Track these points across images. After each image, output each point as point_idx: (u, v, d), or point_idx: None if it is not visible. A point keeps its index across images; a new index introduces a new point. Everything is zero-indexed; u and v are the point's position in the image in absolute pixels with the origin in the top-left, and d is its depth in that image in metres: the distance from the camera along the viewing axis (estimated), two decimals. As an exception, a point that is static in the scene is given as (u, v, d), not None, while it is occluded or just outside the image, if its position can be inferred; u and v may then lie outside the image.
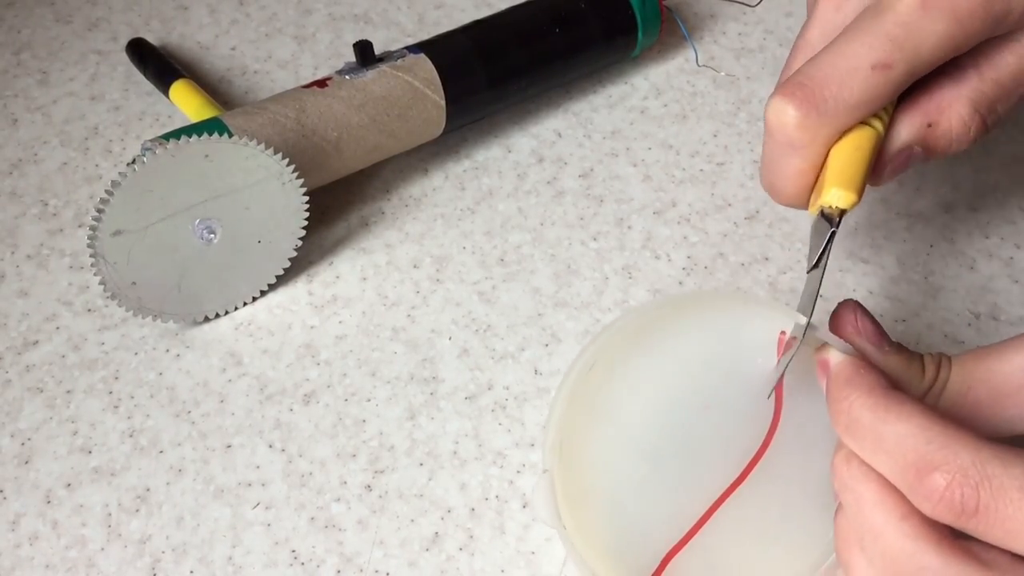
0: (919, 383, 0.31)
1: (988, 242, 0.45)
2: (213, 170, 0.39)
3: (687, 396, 0.34)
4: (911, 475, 0.26)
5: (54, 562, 0.36)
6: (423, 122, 0.45)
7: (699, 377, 0.34)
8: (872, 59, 0.33)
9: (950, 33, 0.33)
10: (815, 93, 0.33)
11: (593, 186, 0.48)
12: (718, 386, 0.34)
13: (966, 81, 0.35)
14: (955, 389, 0.31)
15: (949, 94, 0.35)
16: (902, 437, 0.27)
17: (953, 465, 0.26)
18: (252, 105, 0.43)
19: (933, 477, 0.26)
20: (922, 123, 0.35)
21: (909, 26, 0.32)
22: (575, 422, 0.33)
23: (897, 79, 0.33)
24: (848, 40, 0.33)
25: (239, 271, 0.42)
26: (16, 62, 0.54)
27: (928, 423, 0.27)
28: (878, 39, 0.33)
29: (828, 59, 0.33)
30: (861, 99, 0.33)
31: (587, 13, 0.49)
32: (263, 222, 0.41)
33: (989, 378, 0.30)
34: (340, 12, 0.56)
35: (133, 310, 0.40)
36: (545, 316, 0.43)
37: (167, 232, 0.39)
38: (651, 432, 0.33)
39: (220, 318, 0.43)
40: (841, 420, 0.29)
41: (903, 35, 0.32)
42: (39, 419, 0.40)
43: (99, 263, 0.38)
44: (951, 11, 0.32)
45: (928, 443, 0.26)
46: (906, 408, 0.27)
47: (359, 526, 0.37)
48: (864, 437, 0.28)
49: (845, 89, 0.33)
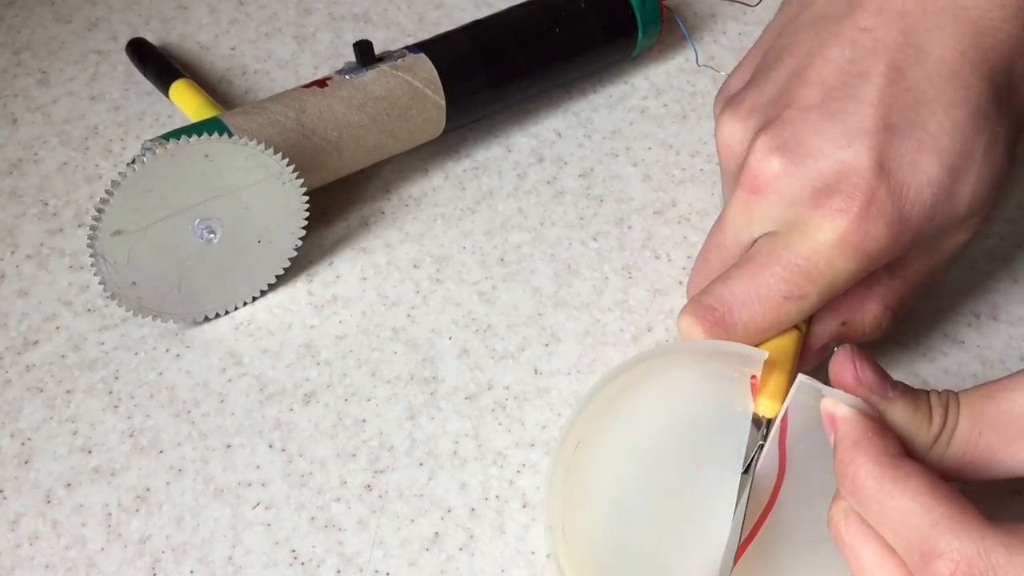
0: (927, 431, 0.30)
1: (988, 242, 0.45)
2: (213, 170, 0.39)
3: (677, 460, 0.33)
4: (915, 557, 0.26)
5: (54, 562, 0.36)
6: (423, 122, 0.45)
7: (684, 438, 0.34)
8: (784, 291, 0.33)
9: (861, 268, 0.33)
10: (724, 318, 0.34)
11: (593, 186, 0.48)
12: (704, 443, 0.33)
13: (878, 282, 0.36)
14: (964, 434, 0.30)
15: (861, 294, 0.36)
16: (907, 515, 0.26)
17: (958, 554, 0.25)
18: (252, 105, 0.43)
19: (937, 564, 0.25)
20: (837, 322, 0.36)
21: (822, 263, 0.33)
22: (571, 500, 0.33)
23: (810, 307, 0.34)
24: (760, 268, 0.34)
25: (239, 271, 0.42)
26: (16, 62, 0.54)
27: (933, 503, 0.26)
28: (790, 272, 0.33)
29: (739, 286, 0.34)
30: (772, 324, 0.34)
31: (587, 13, 0.49)
32: (263, 222, 0.41)
33: (999, 420, 0.30)
34: (340, 12, 0.56)
35: (133, 310, 0.40)
36: (545, 316, 0.43)
37: (167, 232, 0.39)
38: (649, 503, 0.33)
39: (220, 318, 0.43)
40: (846, 484, 0.28)
41: (816, 271, 0.33)
42: (39, 419, 0.40)
43: (99, 263, 0.38)
44: (863, 251, 0.33)
45: (933, 526, 0.26)
46: (912, 483, 0.27)
47: (359, 526, 0.37)
48: (868, 506, 0.27)
49: (757, 316, 0.34)
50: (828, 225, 0.33)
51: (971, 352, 0.41)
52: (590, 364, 0.41)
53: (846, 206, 0.32)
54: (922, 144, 0.32)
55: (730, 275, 0.34)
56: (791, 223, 0.34)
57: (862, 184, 0.32)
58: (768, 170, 0.34)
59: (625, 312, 0.43)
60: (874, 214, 0.32)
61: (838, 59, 0.34)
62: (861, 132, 0.33)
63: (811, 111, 0.34)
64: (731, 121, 0.36)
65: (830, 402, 0.30)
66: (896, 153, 0.32)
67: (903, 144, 0.33)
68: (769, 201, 0.34)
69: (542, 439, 0.39)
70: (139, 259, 0.39)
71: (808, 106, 0.34)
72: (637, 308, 0.43)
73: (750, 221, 0.35)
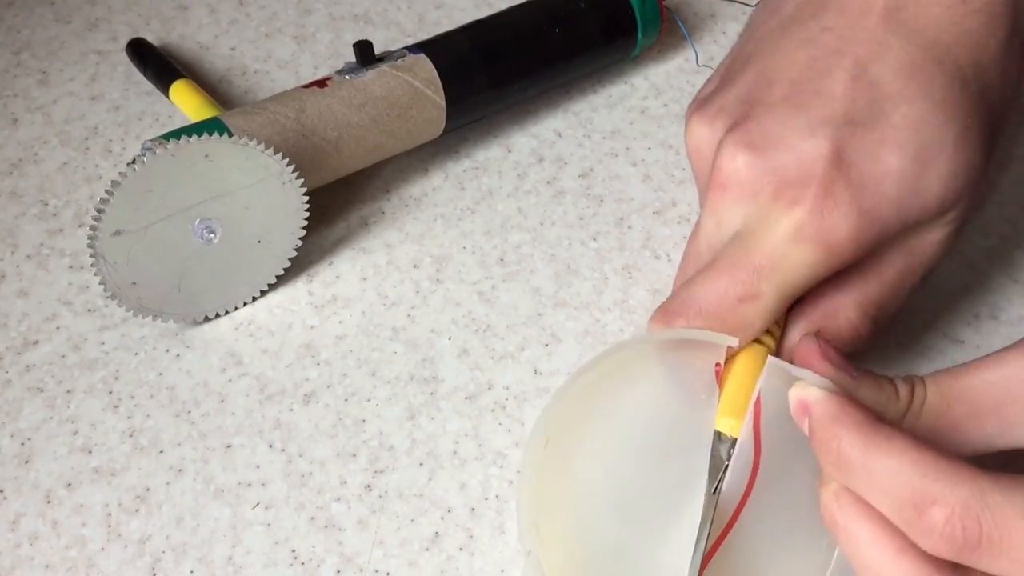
0: (895, 406, 0.30)
1: (988, 242, 0.45)
2: (213, 170, 0.39)
3: (646, 452, 0.33)
4: (908, 511, 0.26)
5: (54, 562, 0.36)
6: (423, 122, 0.45)
7: (651, 430, 0.33)
8: (738, 292, 0.33)
9: (821, 261, 0.33)
10: (688, 323, 0.33)
11: (593, 186, 0.48)
12: (672, 433, 0.33)
13: (850, 286, 0.35)
14: (933, 409, 0.30)
15: (834, 300, 0.35)
16: (895, 473, 0.26)
17: (952, 497, 0.25)
18: (252, 105, 0.43)
19: (932, 512, 0.25)
20: (810, 330, 0.35)
21: (777, 257, 0.33)
22: (544, 499, 0.32)
23: (767, 307, 0.33)
24: (717, 271, 0.34)
25: (239, 271, 0.42)
26: (16, 62, 0.54)
27: (921, 456, 0.26)
28: (744, 272, 0.33)
29: (698, 291, 0.34)
30: (732, 329, 0.33)
31: (587, 13, 0.49)
32: (263, 222, 0.41)
33: (967, 396, 0.30)
34: (340, 12, 0.56)
35: (133, 310, 0.40)
36: (545, 316, 0.43)
37: (167, 232, 0.39)
38: (621, 496, 0.33)
39: (220, 318, 0.43)
40: (831, 459, 0.28)
41: (770, 266, 0.33)
42: (39, 419, 0.40)
43: (99, 263, 0.38)
44: (822, 242, 0.32)
45: (923, 476, 0.25)
46: (897, 443, 0.27)
47: (359, 526, 0.37)
48: (857, 475, 0.27)
49: (715, 320, 0.33)
50: (784, 216, 0.32)
51: (971, 352, 0.41)
52: (590, 364, 0.41)
53: (801, 195, 0.32)
54: (884, 136, 0.32)
55: (693, 280, 0.34)
56: (754, 219, 0.33)
57: (819, 174, 0.32)
58: (733, 165, 0.34)
59: (625, 312, 0.43)
60: (831, 204, 0.32)
61: (803, 58, 0.34)
62: (823, 123, 0.33)
63: (776, 106, 0.34)
64: (698, 125, 0.36)
65: (799, 390, 0.29)
66: (858, 145, 0.32)
67: (865, 136, 0.32)
68: (732, 196, 0.34)
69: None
70: (139, 259, 0.39)
71: (774, 102, 0.34)
72: (637, 308, 0.43)
73: (719, 223, 0.35)
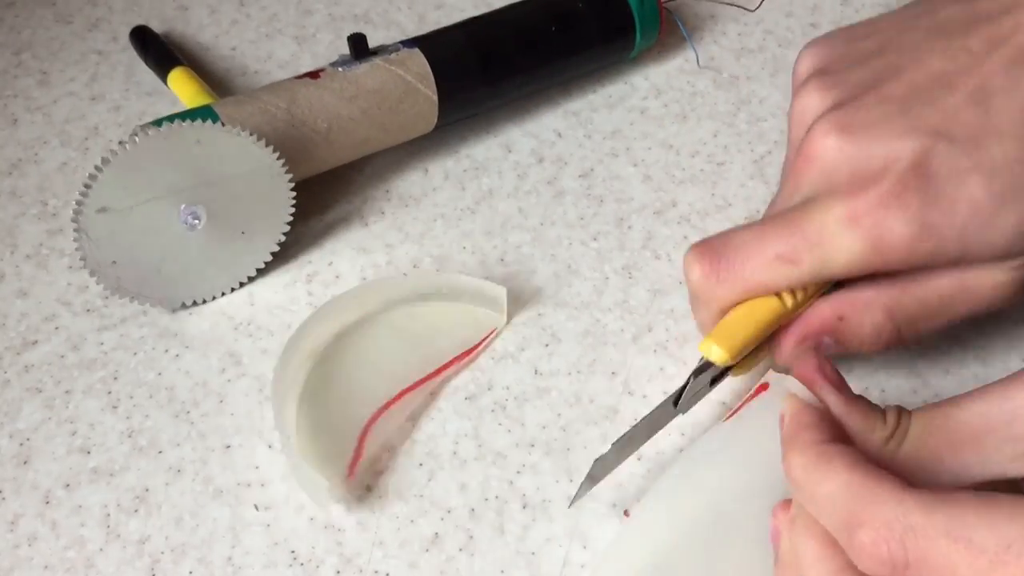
0: (882, 428, 0.30)
1: None
2: (203, 156, 0.39)
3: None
4: (842, 532, 0.26)
5: (53, 563, 0.36)
6: (414, 116, 0.46)
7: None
8: (779, 250, 0.34)
9: (867, 255, 0.33)
10: (719, 262, 0.35)
11: (593, 186, 0.48)
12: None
13: (888, 289, 0.35)
14: (915, 438, 0.30)
15: (866, 295, 0.35)
16: (832, 497, 0.27)
17: (877, 520, 0.25)
18: (244, 94, 0.43)
19: (859, 534, 0.26)
20: (833, 314, 0.36)
21: (827, 235, 0.34)
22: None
23: (800, 276, 0.34)
24: (771, 224, 0.35)
25: (220, 260, 0.42)
26: (16, 62, 0.54)
27: (853, 478, 0.26)
28: (793, 234, 0.34)
29: (745, 235, 0.35)
30: (758, 280, 0.34)
31: (584, 12, 0.49)
32: (248, 213, 0.42)
33: (946, 425, 0.30)
34: (340, 12, 0.56)
35: (111, 289, 0.40)
36: (545, 316, 0.43)
37: (152, 214, 0.40)
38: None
39: (219, 318, 0.43)
40: (788, 476, 0.29)
41: (816, 239, 0.34)
42: (38, 419, 0.40)
43: (81, 239, 0.39)
44: (873, 236, 0.33)
45: (853, 498, 0.26)
46: (835, 464, 0.27)
47: (359, 526, 0.37)
48: (804, 497, 0.28)
49: (746, 267, 0.34)
50: (848, 200, 0.33)
51: (971, 352, 0.41)
52: (590, 364, 0.41)
53: (872, 186, 0.33)
54: (977, 165, 0.33)
55: (746, 226, 0.35)
56: (823, 193, 0.34)
57: (897, 173, 0.33)
58: (824, 142, 0.34)
59: (625, 312, 0.43)
60: (896, 205, 0.33)
61: (935, 70, 0.35)
62: (922, 130, 0.33)
63: (887, 101, 0.34)
64: (813, 92, 0.37)
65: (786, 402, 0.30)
66: (947, 162, 0.33)
67: (958, 157, 0.33)
68: (815, 170, 0.35)
69: (542, 439, 0.39)
70: (122, 238, 0.39)
71: (887, 96, 0.34)
72: (637, 308, 0.43)
73: (795, 190, 0.36)
